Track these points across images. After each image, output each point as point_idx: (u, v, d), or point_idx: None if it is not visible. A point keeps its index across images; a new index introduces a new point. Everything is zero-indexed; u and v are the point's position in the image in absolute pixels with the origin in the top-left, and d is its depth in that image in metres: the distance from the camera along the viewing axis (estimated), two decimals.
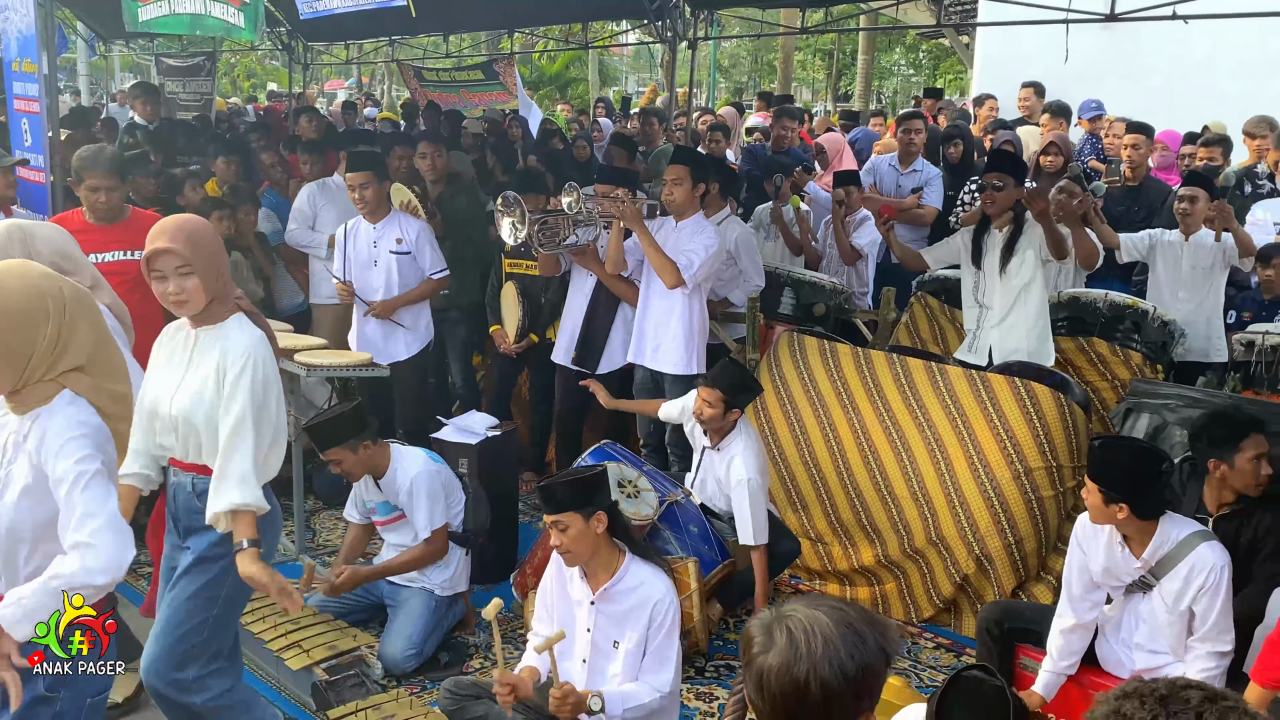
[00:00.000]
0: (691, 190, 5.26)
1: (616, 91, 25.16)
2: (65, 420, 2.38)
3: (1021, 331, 5.17)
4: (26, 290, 2.37)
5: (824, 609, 1.75)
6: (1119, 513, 3.35)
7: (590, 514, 3.28)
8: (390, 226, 5.66)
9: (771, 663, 1.69)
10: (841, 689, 1.67)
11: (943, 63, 27.10)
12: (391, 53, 14.03)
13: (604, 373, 5.68)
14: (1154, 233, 5.87)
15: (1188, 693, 1.37)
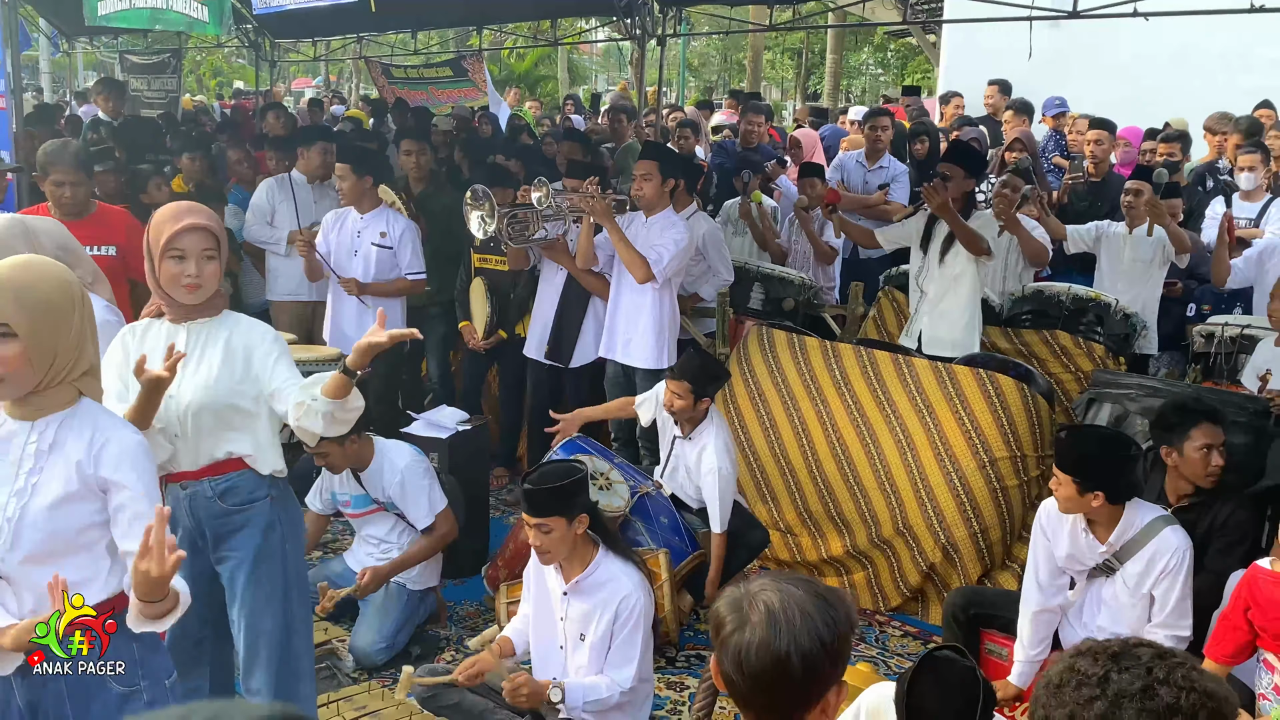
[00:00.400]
0: (661, 185, 5.29)
1: (586, 89, 25.14)
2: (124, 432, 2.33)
3: (950, 320, 5.30)
4: (55, 280, 2.28)
5: (791, 582, 1.78)
6: (1094, 500, 3.39)
7: (574, 516, 3.31)
8: (377, 219, 5.65)
9: (750, 639, 1.70)
10: (819, 658, 1.70)
11: (910, 61, 27.28)
12: (359, 50, 13.97)
13: (576, 366, 5.70)
14: (1100, 224, 6.00)
15: (1139, 650, 1.41)
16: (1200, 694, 1.35)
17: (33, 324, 2.19)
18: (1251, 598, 2.83)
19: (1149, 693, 1.35)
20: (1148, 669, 1.37)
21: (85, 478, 2.27)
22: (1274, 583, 2.79)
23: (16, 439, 2.29)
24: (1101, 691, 1.37)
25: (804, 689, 1.71)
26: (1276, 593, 2.77)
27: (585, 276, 5.55)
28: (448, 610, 4.68)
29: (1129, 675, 1.37)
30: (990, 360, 5.16)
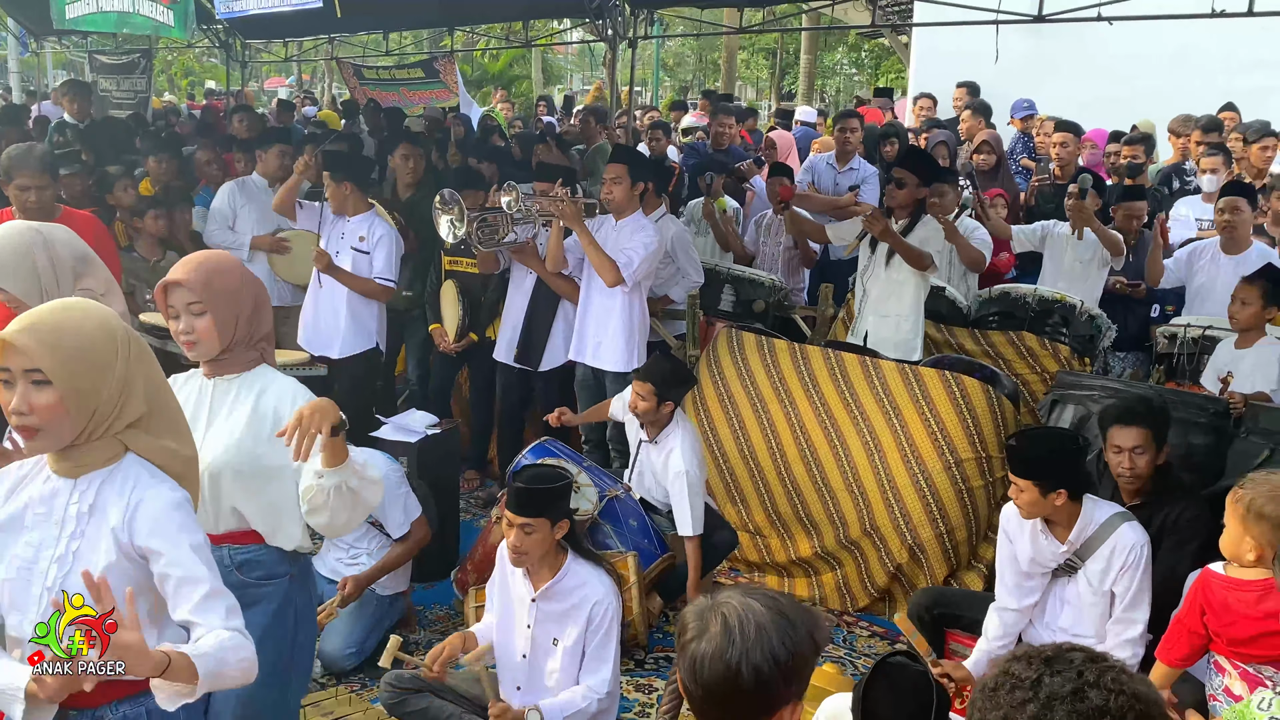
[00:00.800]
0: (630, 189, 5.31)
1: (560, 90, 25.14)
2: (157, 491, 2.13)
3: (894, 323, 5.38)
4: (96, 323, 2.10)
5: (757, 597, 1.78)
6: (1057, 500, 3.42)
7: (558, 520, 3.33)
8: (360, 224, 5.65)
9: (705, 649, 1.71)
10: (772, 675, 1.70)
11: (884, 62, 27.42)
12: (331, 50, 13.93)
13: (545, 370, 5.71)
14: (1046, 224, 6.11)
15: (1071, 654, 1.45)
16: (1129, 696, 1.39)
17: (70, 370, 2.03)
18: (1205, 601, 2.88)
19: (1079, 695, 1.39)
20: (1078, 672, 1.41)
21: (122, 546, 2.10)
22: (1226, 586, 2.84)
23: (59, 498, 2.13)
24: (1034, 694, 1.40)
25: (754, 704, 1.71)
26: (1229, 596, 2.81)
27: (555, 280, 5.56)
28: (417, 614, 4.68)
29: (1060, 678, 1.41)
30: (956, 362, 5.21)
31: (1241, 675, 2.82)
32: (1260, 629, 2.72)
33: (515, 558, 3.37)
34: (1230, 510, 2.81)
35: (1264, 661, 2.76)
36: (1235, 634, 2.79)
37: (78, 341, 2.06)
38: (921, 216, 5.39)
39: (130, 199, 6.61)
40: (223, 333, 2.65)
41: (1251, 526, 2.74)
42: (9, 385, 2.05)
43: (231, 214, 6.51)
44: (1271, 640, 2.69)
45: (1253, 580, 2.78)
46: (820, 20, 13.76)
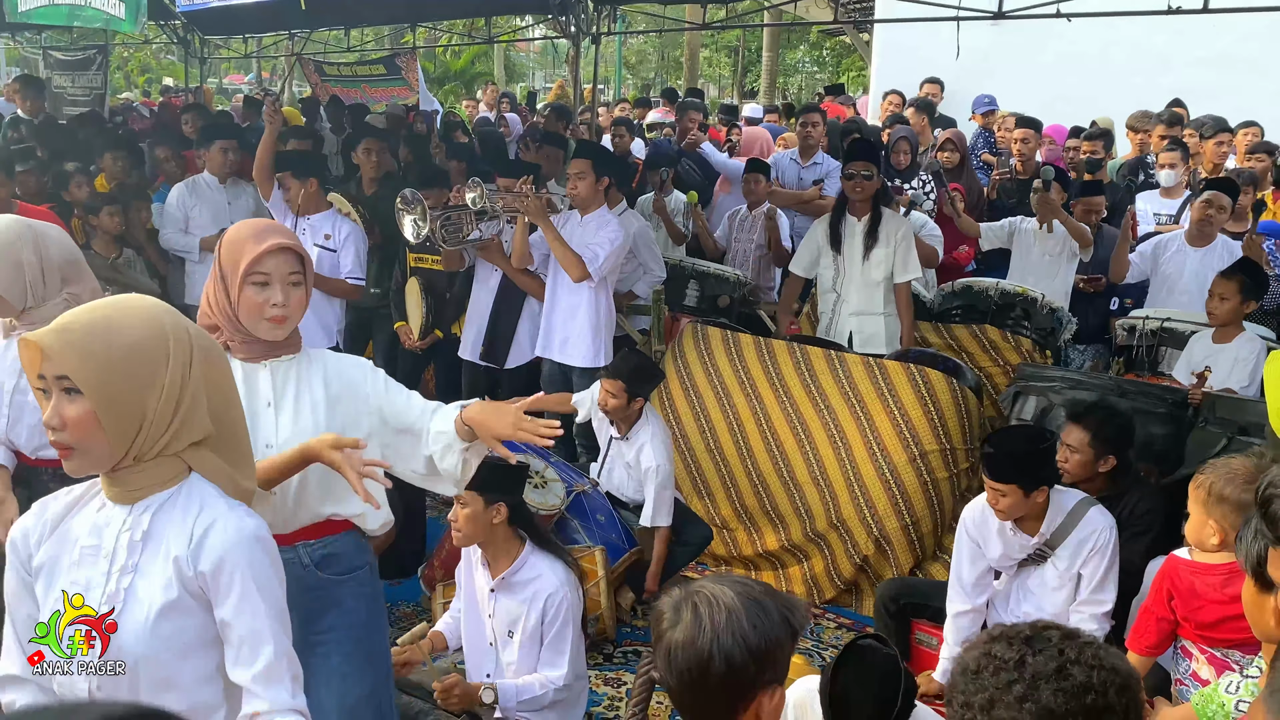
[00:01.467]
0: (595, 184, 5.31)
1: (523, 87, 25.04)
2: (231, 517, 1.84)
3: (879, 319, 5.42)
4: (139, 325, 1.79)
5: (729, 584, 1.79)
6: (1039, 497, 3.46)
7: (491, 501, 3.30)
8: (323, 222, 5.59)
9: (678, 637, 1.72)
10: (745, 661, 1.70)
11: (845, 59, 27.56)
12: (291, 47, 13.78)
13: (511, 367, 5.69)
14: (1013, 220, 6.17)
15: (1049, 632, 1.48)
16: (1109, 670, 1.42)
17: (102, 378, 1.73)
18: (1173, 587, 2.92)
19: (1063, 672, 1.41)
20: (1059, 650, 1.44)
21: (185, 580, 1.81)
22: (1192, 571, 2.88)
23: (110, 528, 1.83)
24: (1019, 675, 1.43)
25: (728, 690, 1.71)
26: (1195, 581, 2.85)
27: (520, 276, 5.54)
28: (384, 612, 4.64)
29: (1043, 657, 1.43)
30: (920, 355, 5.25)
31: (1209, 660, 2.86)
32: (1227, 612, 2.76)
33: (454, 535, 3.38)
34: (1192, 497, 2.85)
35: (1231, 645, 2.80)
36: (1203, 618, 2.83)
37: (115, 343, 1.75)
38: (882, 210, 5.42)
39: (84, 195, 6.52)
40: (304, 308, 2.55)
41: (1213, 510, 2.78)
42: (46, 395, 1.78)
43: (183, 216, 6.44)
44: (1238, 623, 2.72)
45: (1218, 564, 2.82)
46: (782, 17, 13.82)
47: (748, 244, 6.91)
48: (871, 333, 5.43)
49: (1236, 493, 2.73)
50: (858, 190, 5.39)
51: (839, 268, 5.49)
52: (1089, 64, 10.64)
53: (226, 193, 6.50)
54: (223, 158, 6.45)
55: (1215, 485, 2.77)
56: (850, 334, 5.48)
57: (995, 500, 3.49)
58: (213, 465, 1.87)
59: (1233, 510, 2.75)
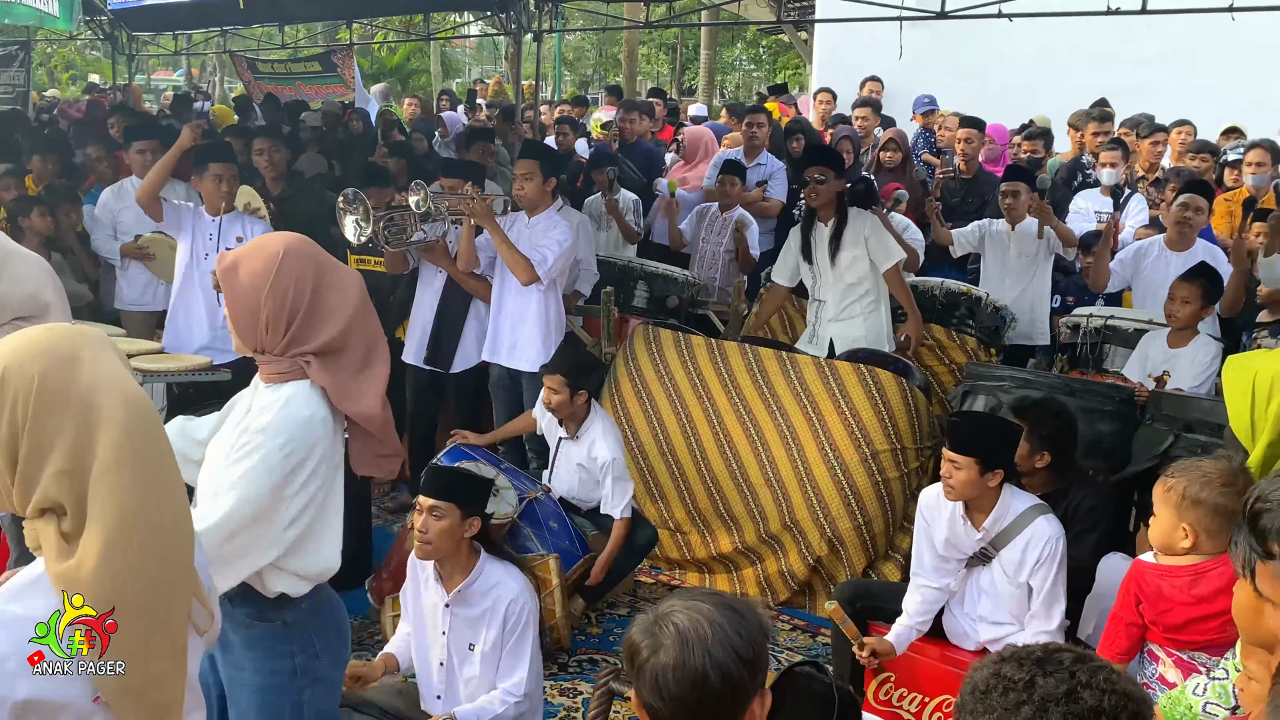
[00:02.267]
0: (542, 184, 5.24)
1: (460, 84, 24.82)
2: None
3: (859, 322, 5.39)
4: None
5: (699, 597, 1.76)
6: (992, 480, 3.43)
7: (469, 514, 3.24)
8: (232, 224, 5.44)
9: (665, 661, 1.67)
10: (739, 670, 1.67)
11: (781, 57, 27.71)
12: (223, 44, 13.50)
13: (458, 371, 5.60)
14: (983, 223, 6.18)
15: (1060, 654, 1.45)
16: (1120, 695, 1.40)
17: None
18: (1140, 592, 2.93)
19: (1073, 696, 1.39)
20: (1070, 673, 1.41)
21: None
22: (1158, 575, 2.89)
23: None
24: (1028, 696, 1.40)
25: (726, 704, 1.68)
26: (1162, 584, 2.87)
27: (466, 279, 5.45)
28: None
29: (1053, 680, 1.41)
30: (870, 355, 5.26)
31: (1176, 663, 2.88)
32: (1194, 614, 2.78)
33: (421, 548, 3.26)
34: (1161, 500, 2.86)
35: (1198, 647, 2.82)
36: (1170, 620, 2.85)
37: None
38: (848, 211, 5.39)
39: (13, 197, 6.30)
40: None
41: (1186, 513, 2.79)
42: None
43: (111, 221, 6.25)
44: (1205, 624, 2.75)
45: (1184, 566, 2.84)
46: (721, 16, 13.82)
47: (716, 245, 6.87)
48: (853, 338, 5.38)
49: (1213, 495, 2.74)
50: (814, 196, 5.35)
51: (815, 275, 5.46)
52: (1028, 64, 10.79)
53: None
54: (142, 160, 6.24)
55: (1189, 489, 2.78)
56: (831, 341, 5.43)
57: (949, 473, 3.45)
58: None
59: (1209, 513, 2.76)
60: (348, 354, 2.36)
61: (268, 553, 2.31)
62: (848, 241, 5.31)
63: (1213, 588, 2.74)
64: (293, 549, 2.36)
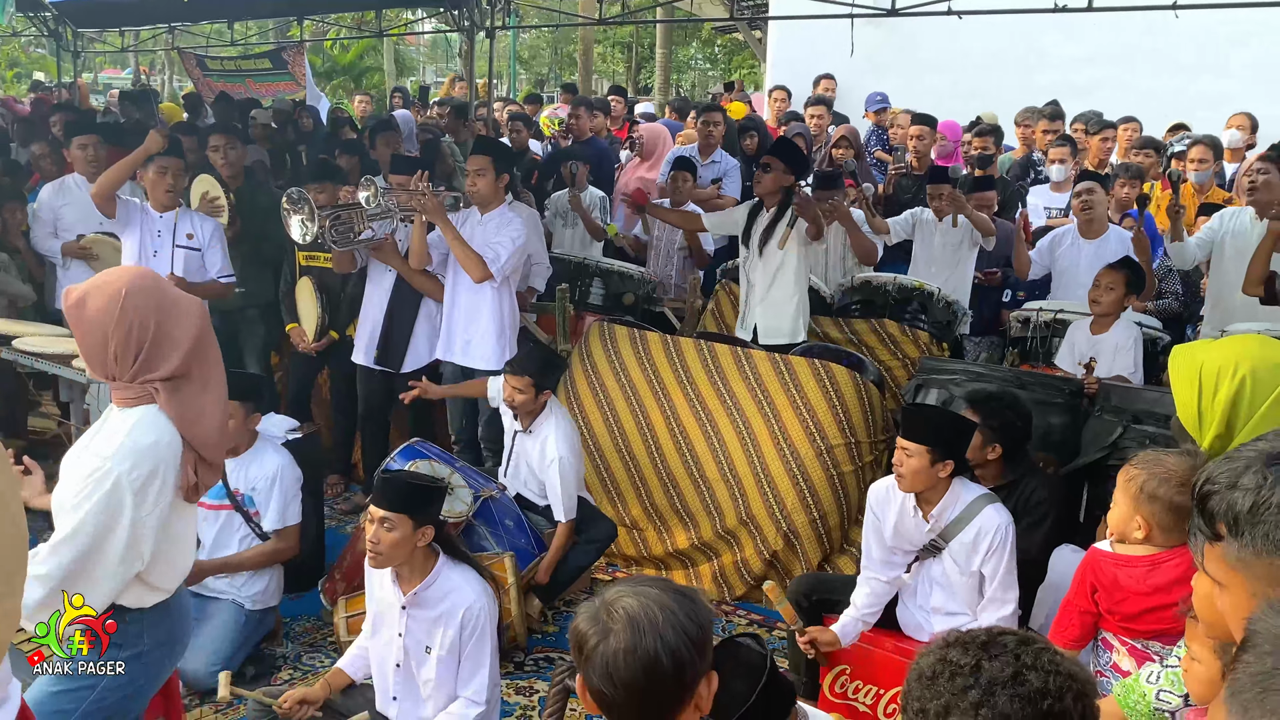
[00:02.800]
0: (495, 181, 5.21)
1: (414, 82, 24.64)
2: None
3: (779, 309, 5.45)
4: None
5: (646, 583, 1.77)
6: (942, 471, 3.46)
7: (421, 524, 3.18)
8: (181, 220, 5.36)
9: (615, 647, 1.68)
10: (689, 653, 1.69)
11: (736, 56, 27.80)
12: (171, 40, 13.30)
13: (408, 371, 5.56)
14: (914, 211, 6.30)
15: (1004, 637, 1.47)
16: (1065, 676, 1.42)
17: None
18: (1095, 580, 2.95)
19: (1019, 678, 1.41)
20: (1015, 655, 1.43)
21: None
22: (1115, 564, 2.92)
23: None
24: (975, 680, 1.41)
25: (677, 687, 1.70)
26: (1118, 573, 2.89)
27: (417, 277, 5.40)
28: (284, 627, 4.48)
29: (999, 663, 1.42)
30: (825, 350, 5.29)
31: (1130, 651, 2.90)
32: (1149, 603, 2.81)
33: (372, 557, 3.22)
34: (1121, 489, 2.89)
35: (1152, 636, 2.85)
36: (1126, 609, 2.88)
37: None
38: (791, 203, 5.42)
39: None
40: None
41: (1142, 506, 2.82)
42: None
43: (52, 219, 6.14)
44: (1160, 614, 2.77)
45: (1140, 556, 2.87)
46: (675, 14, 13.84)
47: (670, 243, 6.88)
48: (772, 325, 5.44)
49: (1170, 493, 2.77)
50: (758, 183, 5.42)
51: (750, 258, 5.51)
52: (978, 61, 10.90)
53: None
54: (83, 155, 6.14)
55: (1148, 484, 2.81)
56: (755, 326, 5.49)
57: (900, 461, 3.47)
58: None
59: (1163, 510, 2.80)
60: (190, 380, 2.54)
61: (130, 568, 2.45)
62: (779, 230, 5.37)
63: (1169, 578, 2.77)
64: (151, 562, 2.52)
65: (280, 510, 4.14)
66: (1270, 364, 2.64)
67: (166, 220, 5.34)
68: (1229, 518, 1.38)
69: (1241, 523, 1.37)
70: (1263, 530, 1.34)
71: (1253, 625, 1.15)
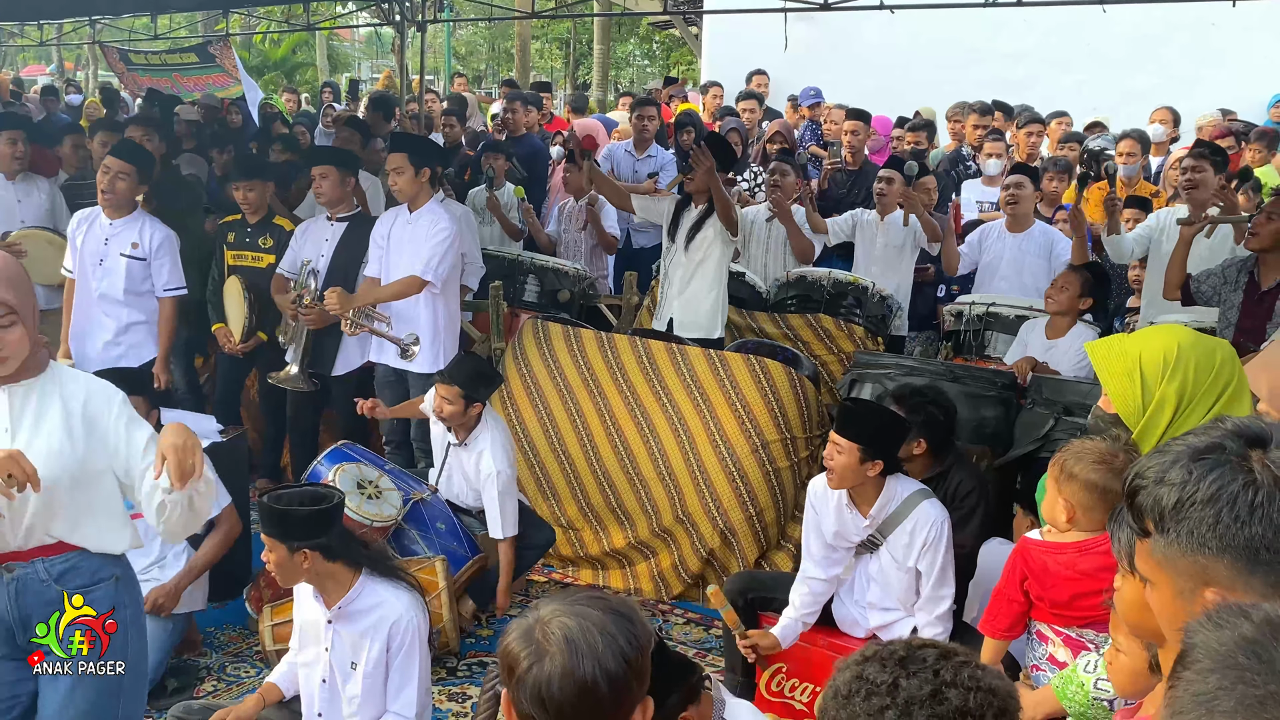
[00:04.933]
0: (415, 176, 5.10)
1: (347, 77, 24.29)
2: None
3: (696, 304, 5.43)
4: None
5: (584, 601, 1.67)
6: (871, 470, 3.43)
7: (295, 549, 3.02)
8: (129, 227, 5.18)
9: (551, 670, 1.58)
10: (625, 677, 1.61)
11: (674, 52, 27.80)
12: (94, 34, 12.94)
13: (340, 374, 5.43)
14: (855, 213, 6.26)
15: (924, 651, 1.41)
16: (986, 692, 1.37)
17: None
18: (1027, 568, 2.95)
19: (938, 697, 1.35)
20: (934, 671, 1.37)
21: None
22: (1044, 551, 2.92)
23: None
24: (892, 700, 1.36)
25: (612, 713, 1.62)
26: (1048, 560, 2.89)
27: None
28: (207, 636, 4.35)
29: (917, 680, 1.36)
30: (759, 346, 5.26)
31: (1065, 641, 2.90)
32: (1079, 589, 2.81)
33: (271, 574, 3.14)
34: (1049, 474, 2.90)
35: (1085, 624, 2.85)
36: (1056, 596, 2.87)
37: None
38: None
39: None
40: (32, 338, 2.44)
41: (1063, 488, 2.83)
42: None
43: None
44: (1090, 600, 2.77)
45: (1069, 543, 2.87)
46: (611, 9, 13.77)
47: (577, 235, 6.83)
48: (689, 319, 5.41)
49: (1085, 471, 2.77)
50: (689, 180, 5.39)
51: (673, 251, 5.49)
52: (908, 57, 10.97)
53: (15, 189, 6.01)
54: (10, 149, 5.93)
55: (1067, 463, 2.82)
56: (671, 319, 5.46)
57: (830, 456, 3.45)
58: None
59: (1080, 489, 2.80)
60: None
61: None
62: (709, 223, 5.36)
63: (1097, 564, 2.77)
64: None
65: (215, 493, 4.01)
66: (1203, 348, 2.64)
67: (114, 226, 5.17)
68: (1155, 513, 1.35)
69: (1167, 519, 1.34)
70: (1187, 527, 1.31)
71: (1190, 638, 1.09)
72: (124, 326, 5.21)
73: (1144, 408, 2.57)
